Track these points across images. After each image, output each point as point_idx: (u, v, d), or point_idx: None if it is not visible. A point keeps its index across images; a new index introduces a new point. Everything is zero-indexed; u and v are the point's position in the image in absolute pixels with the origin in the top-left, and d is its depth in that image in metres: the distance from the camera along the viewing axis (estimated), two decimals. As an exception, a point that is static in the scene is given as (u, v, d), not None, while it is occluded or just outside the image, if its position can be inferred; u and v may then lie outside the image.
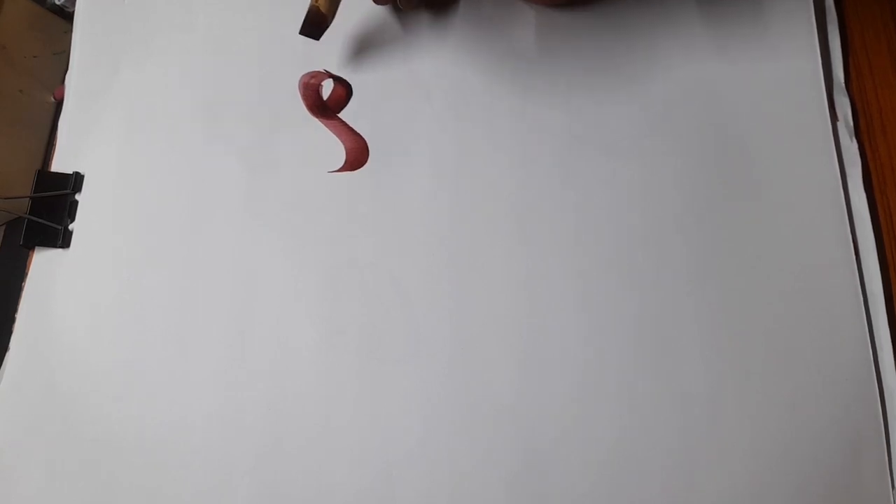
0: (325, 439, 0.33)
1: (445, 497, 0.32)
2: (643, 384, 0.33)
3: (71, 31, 0.43)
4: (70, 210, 0.39)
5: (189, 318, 0.36)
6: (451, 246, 0.36)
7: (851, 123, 0.36)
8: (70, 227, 0.38)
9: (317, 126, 0.39)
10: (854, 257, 0.33)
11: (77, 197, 0.39)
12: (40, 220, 0.38)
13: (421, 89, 0.39)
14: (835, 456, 0.31)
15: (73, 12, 0.44)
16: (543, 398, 0.33)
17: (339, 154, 0.38)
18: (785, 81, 0.36)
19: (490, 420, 0.33)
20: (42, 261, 0.38)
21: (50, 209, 0.38)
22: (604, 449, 0.32)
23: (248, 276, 0.36)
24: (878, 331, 0.33)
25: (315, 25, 0.36)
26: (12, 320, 0.38)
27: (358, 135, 0.38)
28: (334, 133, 0.39)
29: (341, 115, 0.39)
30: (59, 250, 0.38)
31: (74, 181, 0.39)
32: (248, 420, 0.34)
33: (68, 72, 0.42)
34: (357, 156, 0.38)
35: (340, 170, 0.38)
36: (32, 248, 0.38)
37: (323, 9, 0.36)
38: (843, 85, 0.37)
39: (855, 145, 0.35)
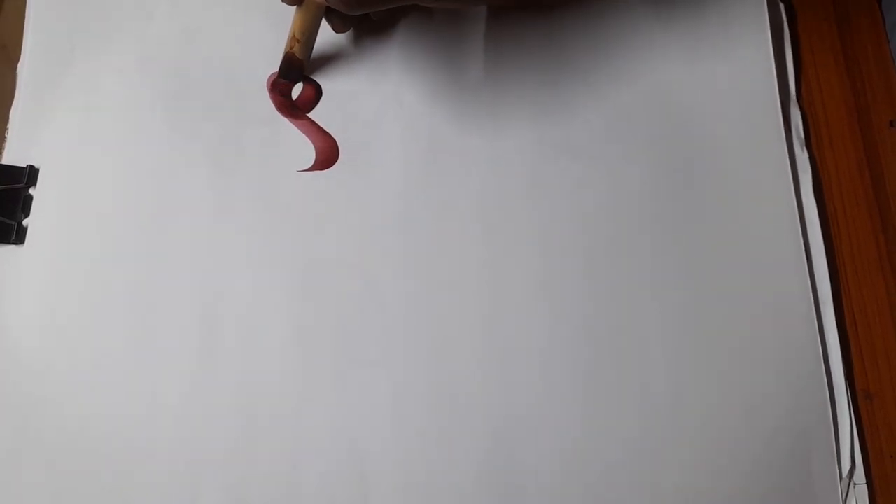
0: (296, 438, 0.33)
1: (419, 495, 0.32)
2: (607, 378, 0.34)
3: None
4: (24, 205, 0.37)
5: (153, 318, 0.35)
6: (423, 247, 0.36)
7: (802, 134, 0.38)
8: (24, 222, 0.37)
9: (285, 123, 0.39)
10: (805, 261, 0.35)
11: (31, 191, 0.37)
12: (-9, 215, 0.36)
13: (392, 94, 0.39)
14: (786, 447, 0.33)
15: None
16: (514, 398, 0.34)
17: (308, 152, 0.38)
18: (742, 92, 0.38)
19: (462, 418, 0.33)
20: (-7, 257, 0.36)
21: (2, 204, 0.36)
22: (569, 440, 0.33)
23: (215, 272, 0.36)
24: (827, 330, 0.35)
25: (292, 70, 0.38)
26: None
27: (328, 134, 0.38)
28: (303, 132, 0.38)
29: (311, 114, 0.39)
30: (13, 247, 0.36)
31: (28, 174, 0.37)
32: (217, 420, 0.33)
33: (20, 61, 0.40)
34: (327, 155, 0.38)
35: (310, 169, 0.38)
36: (-17, 245, 0.37)
37: (298, 55, 0.38)
38: (796, 97, 0.39)
39: (806, 154, 0.38)
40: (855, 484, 0.33)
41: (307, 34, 0.37)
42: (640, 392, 0.34)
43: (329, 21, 0.38)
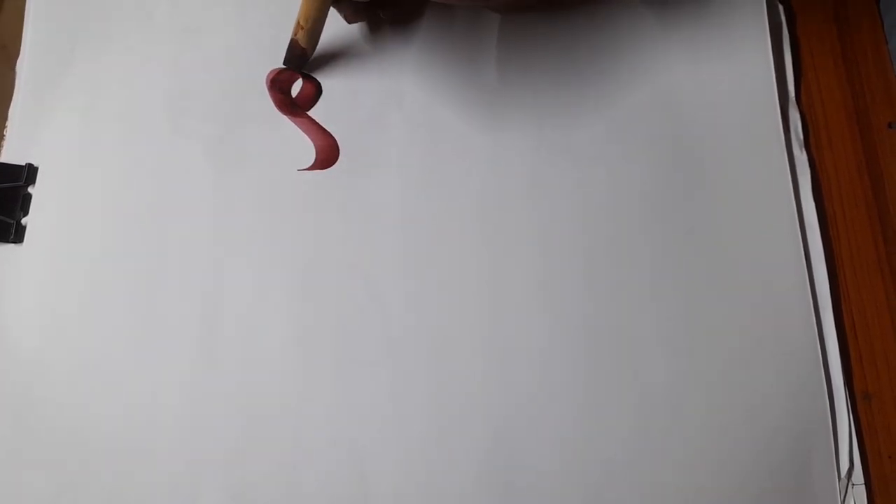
0: (296, 438, 0.33)
1: (419, 495, 0.32)
2: (606, 378, 0.34)
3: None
4: (23, 203, 0.37)
5: (153, 318, 0.35)
6: (423, 247, 0.36)
7: (801, 136, 0.38)
8: (23, 221, 0.37)
9: (286, 122, 0.39)
10: (805, 262, 0.35)
11: (30, 190, 0.37)
12: (-10, 214, 0.36)
13: (392, 93, 0.39)
14: (785, 447, 0.33)
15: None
16: (514, 398, 0.34)
17: (308, 152, 0.38)
18: (741, 94, 0.38)
19: (462, 418, 0.33)
20: (-8, 256, 0.36)
21: (1, 202, 0.36)
22: (569, 440, 0.33)
23: (216, 272, 0.36)
24: (826, 331, 0.35)
25: (294, 57, 0.38)
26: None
27: (328, 133, 0.38)
28: (303, 131, 0.38)
29: (311, 113, 0.39)
30: (12, 245, 0.36)
31: (27, 173, 0.37)
32: (217, 420, 0.33)
33: (19, 59, 0.40)
34: (328, 154, 0.38)
35: (310, 168, 0.38)
36: (-18, 244, 0.36)
37: (302, 43, 0.37)
38: (795, 99, 0.39)
39: (805, 156, 0.38)
40: (853, 484, 0.33)
41: (311, 21, 0.37)
42: (639, 392, 0.34)
43: (339, 10, 0.38)
